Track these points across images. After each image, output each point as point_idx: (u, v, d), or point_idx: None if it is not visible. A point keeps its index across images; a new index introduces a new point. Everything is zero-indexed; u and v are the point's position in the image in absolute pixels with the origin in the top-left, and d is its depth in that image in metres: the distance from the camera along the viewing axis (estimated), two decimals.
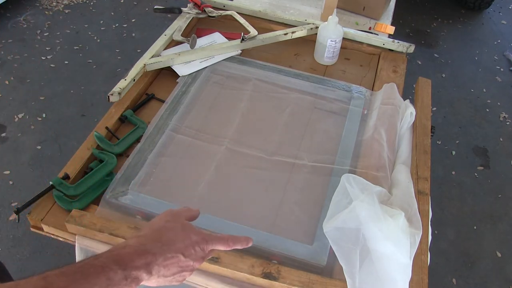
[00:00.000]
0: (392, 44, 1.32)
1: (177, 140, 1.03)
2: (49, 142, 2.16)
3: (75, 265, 0.50)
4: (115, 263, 0.52)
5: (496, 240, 1.93)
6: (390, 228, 0.77)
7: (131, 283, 0.53)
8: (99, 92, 2.42)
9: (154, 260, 0.56)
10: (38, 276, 0.47)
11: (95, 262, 0.51)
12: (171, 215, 0.64)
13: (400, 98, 1.11)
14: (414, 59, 2.84)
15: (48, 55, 2.65)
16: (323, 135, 1.07)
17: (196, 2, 1.38)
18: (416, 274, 0.80)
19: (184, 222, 0.63)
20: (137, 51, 2.63)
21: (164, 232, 0.60)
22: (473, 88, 2.71)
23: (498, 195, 2.11)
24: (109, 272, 0.51)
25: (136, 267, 0.54)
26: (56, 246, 1.74)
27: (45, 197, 0.89)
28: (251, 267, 0.78)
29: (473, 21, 3.32)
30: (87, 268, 0.50)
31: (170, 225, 0.61)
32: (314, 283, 0.77)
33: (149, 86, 1.19)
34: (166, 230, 0.60)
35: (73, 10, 3.04)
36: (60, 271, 0.48)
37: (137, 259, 0.54)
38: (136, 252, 0.55)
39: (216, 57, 1.24)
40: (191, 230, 0.62)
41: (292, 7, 1.71)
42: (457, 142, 2.36)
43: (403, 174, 0.94)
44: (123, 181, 0.91)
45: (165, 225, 0.61)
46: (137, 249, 0.56)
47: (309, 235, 0.86)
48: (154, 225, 0.61)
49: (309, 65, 1.30)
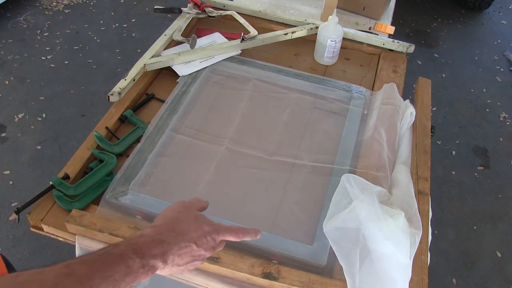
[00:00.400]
0: (392, 44, 1.32)
1: (177, 140, 1.03)
2: (49, 142, 2.16)
3: (95, 253, 0.52)
4: (134, 251, 0.54)
5: (496, 240, 1.93)
6: (390, 228, 0.77)
7: (148, 271, 0.55)
8: (99, 92, 2.42)
9: (169, 249, 0.57)
10: (62, 264, 0.48)
11: (114, 250, 0.53)
12: (183, 206, 0.66)
13: (400, 98, 1.11)
14: (414, 59, 2.84)
15: (48, 55, 2.65)
16: (323, 135, 1.07)
17: (196, 2, 1.38)
18: (416, 274, 0.80)
19: (196, 213, 0.65)
20: (137, 51, 2.63)
21: (177, 222, 0.62)
22: (473, 88, 2.71)
23: (498, 195, 2.11)
24: (128, 261, 0.52)
25: (153, 255, 0.55)
26: (56, 246, 1.74)
27: (45, 197, 0.89)
28: (251, 267, 0.78)
29: (473, 21, 3.32)
30: (107, 257, 0.52)
31: (183, 216, 0.63)
32: (314, 283, 0.77)
33: (149, 86, 1.19)
34: (180, 220, 0.62)
35: (73, 10, 3.04)
36: (82, 259, 0.50)
37: (154, 248, 0.56)
38: (153, 241, 0.57)
39: (216, 57, 1.24)
40: (203, 221, 0.64)
41: (292, 7, 1.71)
42: (457, 142, 2.36)
43: (403, 174, 0.94)
44: (123, 181, 0.91)
45: (178, 216, 0.63)
46: (153, 238, 0.57)
47: (309, 235, 0.86)
48: (167, 216, 0.63)
49: (309, 65, 1.30)
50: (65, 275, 0.47)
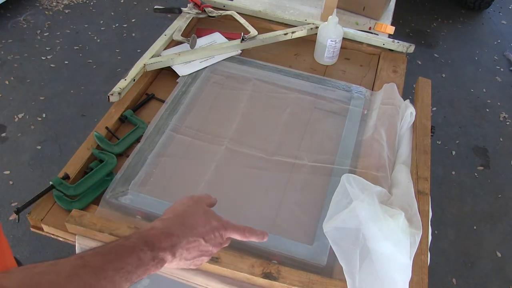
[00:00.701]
0: (392, 44, 1.32)
1: (177, 140, 1.03)
2: (49, 142, 2.16)
3: (107, 245, 0.53)
4: (145, 243, 0.54)
5: (496, 240, 1.93)
6: (390, 228, 0.77)
7: (157, 264, 0.55)
8: (99, 92, 2.42)
9: (178, 242, 0.58)
10: (75, 256, 0.49)
11: (126, 243, 0.54)
12: (192, 200, 0.66)
13: (400, 98, 1.11)
14: (414, 59, 2.84)
15: (48, 55, 2.65)
16: (323, 135, 1.07)
17: (196, 2, 1.38)
18: (416, 274, 0.80)
19: (206, 208, 0.66)
20: (137, 51, 2.63)
21: (187, 216, 0.62)
22: (473, 88, 2.71)
23: (498, 195, 2.11)
24: (140, 253, 0.53)
25: (163, 248, 0.56)
26: (56, 246, 1.74)
27: (45, 197, 0.89)
28: (251, 267, 0.78)
29: (473, 21, 3.32)
30: (119, 249, 0.52)
31: (192, 210, 0.64)
32: (314, 283, 0.77)
33: (149, 86, 1.19)
34: (189, 214, 0.63)
35: (73, 10, 3.04)
36: (95, 251, 0.51)
37: (163, 241, 0.56)
38: (162, 234, 0.57)
39: (216, 57, 1.24)
40: (212, 216, 0.64)
41: (292, 7, 1.71)
42: (457, 142, 2.36)
43: (403, 174, 0.94)
44: (123, 181, 0.91)
45: (187, 210, 0.63)
46: (163, 231, 0.58)
47: (309, 235, 0.86)
48: (177, 209, 0.64)
49: (309, 65, 1.30)
50: (79, 267, 0.48)
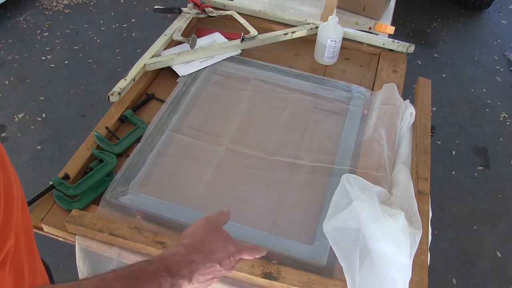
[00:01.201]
0: (392, 44, 1.32)
1: (177, 140, 1.03)
2: (49, 142, 2.16)
3: (129, 268, 0.53)
4: (166, 270, 0.55)
5: (496, 240, 1.93)
6: (390, 228, 0.77)
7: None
8: (99, 92, 2.42)
9: (196, 269, 0.59)
10: (96, 277, 0.50)
11: (148, 267, 0.54)
12: (210, 223, 0.67)
13: (400, 98, 1.11)
14: (414, 59, 2.84)
15: (48, 55, 2.65)
16: (323, 135, 1.07)
17: (196, 2, 1.38)
18: (416, 274, 0.80)
19: (223, 232, 0.67)
20: (137, 51, 2.63)
21: (207, 242, 0.63)
22: (473, 88, 2.71)
23: (498, 195, 2.11)
24: (161, 279, 0.54)
25: (182, 275, 0.57)
26: (56, 246, 1.74)
27: (45, 197, 0.89)
28: (251, 267, 0.78)
29: (473, 21, 3.32)
30: (140, 273, 0.53)
31: (213, 236, 0.65)
32: (314, 283, 0.77)
33: (149, 86, 1.19)
34: (209, 240, 0.64)
35: (73, 10, 3.04)
36: (116, 274, 0.51)
37: (183, 268, 0.58)
38: (184, 261, 0.58)
39: (216, 57, 1.24)
40: (229, 241, 0.66)
41: (292, 7, 1.71)
42: (457, 142, 2.36)
43: (403, 174, 0.94)
44: (123, 181, 0.91)
45: (208, 236, 0.64)
46: (185, 258, 0.59)
47: (309, 235, 0.86)
48: (197, 234, 0.64)
49: (309, 65, 1.30)
50: None
